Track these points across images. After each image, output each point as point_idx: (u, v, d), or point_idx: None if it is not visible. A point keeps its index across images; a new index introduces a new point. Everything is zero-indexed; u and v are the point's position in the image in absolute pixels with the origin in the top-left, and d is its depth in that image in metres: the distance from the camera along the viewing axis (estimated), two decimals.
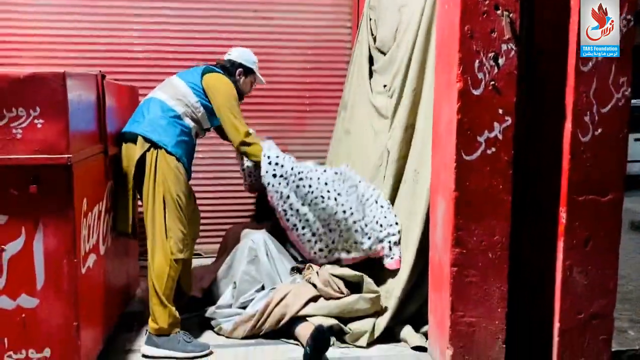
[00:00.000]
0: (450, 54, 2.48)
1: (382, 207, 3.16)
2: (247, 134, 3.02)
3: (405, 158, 3.15)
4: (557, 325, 2.58)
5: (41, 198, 2.20)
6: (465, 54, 2.40)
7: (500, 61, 2.42)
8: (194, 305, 3.23)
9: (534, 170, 2.66)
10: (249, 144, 3.03)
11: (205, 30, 4.25)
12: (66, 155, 2.19)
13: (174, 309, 2.83)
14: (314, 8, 4.39)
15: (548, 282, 2.61)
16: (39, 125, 2.16)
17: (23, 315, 2.25)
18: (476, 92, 2.42)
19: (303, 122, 4.47)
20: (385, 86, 3.53)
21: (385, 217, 3.12)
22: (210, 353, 2.81)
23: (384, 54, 3.62)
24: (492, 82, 2.42)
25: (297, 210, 3.07)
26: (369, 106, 3.66)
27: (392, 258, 3.06)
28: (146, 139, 2.83)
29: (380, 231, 3.10)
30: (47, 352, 2.28)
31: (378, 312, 2.97)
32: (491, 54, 2.41)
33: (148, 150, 2.82)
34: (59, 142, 2.18)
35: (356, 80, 3.95)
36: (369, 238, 3.10)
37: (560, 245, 2.55)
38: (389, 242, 3.08)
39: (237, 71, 3.20)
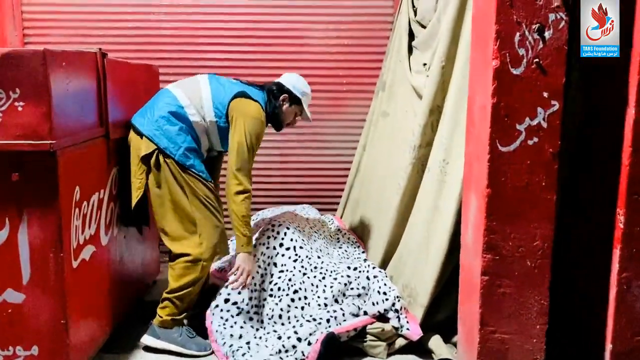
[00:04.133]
0: (486, 26, 2.09)
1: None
2: (248, 190, 2.64)
3: (430, 145, 2.80)
4: (609, 346, 2.19)
5: (25, 187, 2.05)
6: (503, 25, 2.01)
7: (547, 34, 2.01)
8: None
9: (585, 164, 2.25)
10: (245, 196, 2.62)
11: (234, 5, 4.02)
12: (49, 142, 2.01)
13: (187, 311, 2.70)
14: None
15: (600, 297, 2.21)
16: (20, 109, 1.99)
17: (9, 310, 2.13)
18: (516, 72, 2.04)
19: (339, 104, 4.13)
20: (425, 64, 3.17)
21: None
22: (211, 353, 2.65)
23: (425, 27, 3.24)
24: (536, 60, 2.02)
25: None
26: (408, 87, 3.31)
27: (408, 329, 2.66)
28: (152, 141, 2.62)
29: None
30: (34, 349, 2.16)
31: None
32: (535, 26, 2.01)
33: (155, 151, 2.62)
34: (41, 127, 2.01)
35: (396, 57, 3.59)
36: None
37: (616, 253, 2.14)
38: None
39: (282, 96, 2.86)
